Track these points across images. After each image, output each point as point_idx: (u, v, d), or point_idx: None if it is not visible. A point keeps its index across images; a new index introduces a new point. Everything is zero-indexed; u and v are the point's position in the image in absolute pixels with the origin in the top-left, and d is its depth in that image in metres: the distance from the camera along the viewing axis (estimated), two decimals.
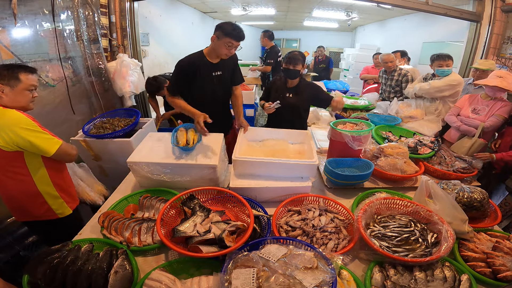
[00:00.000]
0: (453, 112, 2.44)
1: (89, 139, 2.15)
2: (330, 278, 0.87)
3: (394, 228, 1.22)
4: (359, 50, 7.01)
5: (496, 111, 2.15)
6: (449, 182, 1.50)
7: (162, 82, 2.80)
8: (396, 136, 2.28)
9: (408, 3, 3.27)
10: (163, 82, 2.81)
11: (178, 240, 1.11)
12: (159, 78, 2.83)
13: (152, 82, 2.83)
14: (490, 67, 2.49)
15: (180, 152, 1.60)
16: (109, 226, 1.25)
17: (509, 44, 3.09)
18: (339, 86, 4.59)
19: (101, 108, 2.93)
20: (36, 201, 1.42)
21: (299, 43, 11.33)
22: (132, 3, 3.25)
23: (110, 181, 2.31)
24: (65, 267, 1.01)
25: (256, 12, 6.49)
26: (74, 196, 1.63)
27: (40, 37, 2.27)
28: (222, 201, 1.39)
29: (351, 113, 3.23)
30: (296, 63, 2.01)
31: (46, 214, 1.46)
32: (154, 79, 2.83)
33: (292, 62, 2.01)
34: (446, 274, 1.03)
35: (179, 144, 1.59)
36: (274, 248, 0.99)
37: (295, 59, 2.01)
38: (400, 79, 3.11)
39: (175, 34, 5.35)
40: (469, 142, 2.18)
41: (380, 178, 1.76)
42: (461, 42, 3.72)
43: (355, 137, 1.71)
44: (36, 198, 1.41)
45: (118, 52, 3.23)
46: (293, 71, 2.03)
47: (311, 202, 1.45)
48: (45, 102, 2.26)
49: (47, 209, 1.45)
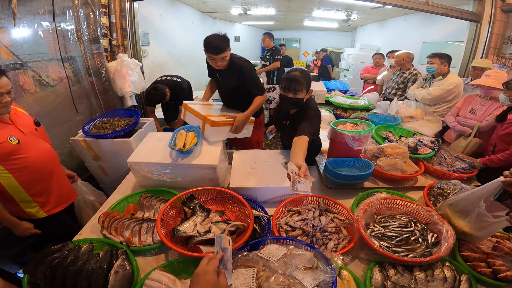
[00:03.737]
0: (452, 112, 2.45)
1: (89, 139, 2.15)
2: (330, 278, 0.87)
3: (394, 228, 1.22)
4: (359, 50, 7.01)
5: (493, 111, 2.16)
6: (449, 182, 1.50)
7: (164, 90, 2.71)
8: (396, 136, 2.28)
9: (408, 3, 3.27)
10: (164, 89, 2.72)
11: (178, 240, 1.11)
12: (160, 87, 2.70)
13: (155, 93, 2.68)
14: (488, 66, 2.51)
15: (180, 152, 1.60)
16: (109, 226, 1.25)
17: (509, 44, 3.09)
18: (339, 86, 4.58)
19: (101, 108, 2.93)
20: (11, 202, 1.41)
21: (299, 43, 11.34)
22: (132, 3, 3.25)
23: (111, 181, 2.32)
24: (65, 267, 1.01)
25: (256, 12, 6.50)
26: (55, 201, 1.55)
27: (40, 37, 2.27)
28: (222, 201, 1.39)
29: (351, 113, 3.23)
30: (297, 89, 1.49)
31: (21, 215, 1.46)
32: (156, 89, 2.69)
33: (291, 89, 1.50)
34: (446, 274, 1.03)
35: (176, 147, 1.57)
36: (274, 248, 0.99)
37: (295, 83, 1.48)
38: (409, 77, 3.12)
39: (175, 34, 5.35)
40: (464, 142, 2.19)
41: (380, 178, 1.76)
42: (461, 42, 3.72)
43: (355, 137, 1.71)
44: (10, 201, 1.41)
45: (118, 52, 3.23)
46: (293, 100, 1.53)
47: (311, 202, 1.45)
48: (45, 103, 2.26)
49: (19, 210, 1.44)
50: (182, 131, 1.74)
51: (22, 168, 1.36)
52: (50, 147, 1.55)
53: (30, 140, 1.41)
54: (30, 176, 1.40)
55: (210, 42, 1.77)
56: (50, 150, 1.54)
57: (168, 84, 2.79)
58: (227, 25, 8.38)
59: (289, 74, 1.53)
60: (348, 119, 1.93)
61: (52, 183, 1.52)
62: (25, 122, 1.44)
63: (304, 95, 1.53)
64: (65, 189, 1.64)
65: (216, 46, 1.76)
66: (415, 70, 3.15)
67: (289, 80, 1.50)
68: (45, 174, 1.48)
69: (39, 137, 1.50)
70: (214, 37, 1.79)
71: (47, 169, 1.49)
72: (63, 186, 1.62)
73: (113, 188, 1.71)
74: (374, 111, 3.03)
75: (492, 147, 2.03)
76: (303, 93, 1.52)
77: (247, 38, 9.70)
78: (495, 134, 2.03)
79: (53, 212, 1.54)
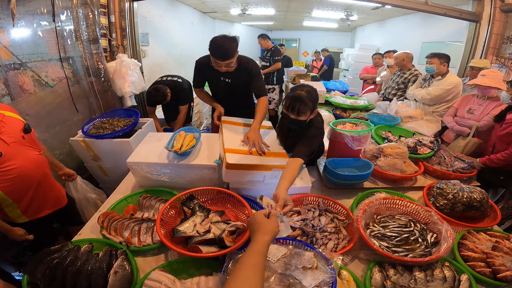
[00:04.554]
0: (450, 112, 2.46)
1: (89, 139, 2.15)
2: (330, 278, 0.87)
3: (394, 228, 1.22)
4: (358, 50, 7.03)
5: (490, 110, 2.16)
6: (448, 182, 1.50)
7: (165, 90, 2.69)
8: (395, 136, 2.28)
9: (407, 3, 3.28)
10: (165, 90, 2.70)
11: (178, 240, 1.11)
12: (161, 88, 2.68)
13: (156, 93, 2.65)
14: (485, 65, 2.51)
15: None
16: (108, 226, 1.25)
17: (508, 44, 3.10)
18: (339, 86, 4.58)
19: (100, 108, 2.93)
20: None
21: (299, 43, 11.35)
22: (131, 3, 3.24)
23: (110, 181, 2.32)
24: (64, 267, 1.01)
25: (255, 12, 6.50)
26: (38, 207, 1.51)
27: (39, 37, 2.26)
28: (222, 201, 1.39)
29: (351, 113, 3.23)
30: (301, 111, 1.37)
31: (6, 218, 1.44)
32: (157, 90, 2.65)
33: (295, 110, 1.37)
34: (446, 274, 1.03)
35: (172, 149, 1.55)
36: (274, 248, 0.99)
37: (300, 104, 1.35)
38: (409, 78, 3.12)
39: (175, 34, 5.35)
40: (463, 142, 2.20)
41: (380, 178, 1.77)
42: (460, 42, 3.73)
43: (354, 137, 1.71)
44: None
45: (117, 52, 3.22)
46: (295, 121, 1.42)
47: (311, 202, 1.45)
48: (44, 103, 2.26)
49: (4, 213, 1.42)
50: (181, 132, 1.73)
51: (5, 179, 1.31)
52: (37, 156, 1.47)
53: (14, 150, 1.34)
54: (13, 186, 1.35)
55: (217, 47, 1.58)
56: (37, 159, 1.46)
57: (169, 85, 2.79)
58: (227, 25, 8.38)
59: (295, 93, 1.38)
60: (348, 119, 1.93)
61: (38, 191, 1.47)
62: (11, 130, 1.35)
63: (307, 117, 1.41)
64: (52, 196, 1.58)
65: (224, 52, 1.58)
66: (415, 70, 3.16)
67: (294, 100, 1.37)
68: (30, 183, 1.42)
69: (26, 146, 1.42)
70: (222, 40, 1.58)
71: (32, 178, 1.43)
72: (49, 193, 1.55)
73: (113, 188, 1.71)
74: (373, 111, 3.03)
75: (491, 147, 2.03)
76: (307, 115, 1.39)
77: (247, 38, 9.71)
78: (494, 135, 2.03)
79: (35, 217, 1.50)
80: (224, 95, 2.03)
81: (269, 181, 1.43)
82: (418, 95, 2.70)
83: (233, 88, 1.94)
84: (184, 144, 1.60)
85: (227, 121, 1.80)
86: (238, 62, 1.80)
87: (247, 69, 1.85)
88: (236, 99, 2.04)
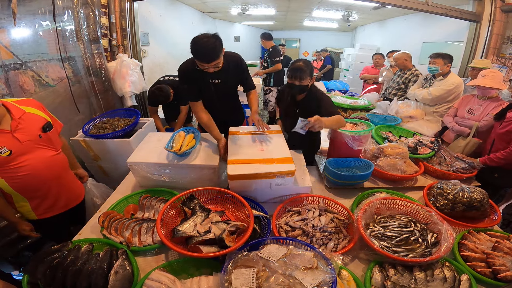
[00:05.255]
0: (450, 113, 2.45)
1: (89, 139, 2.15)
2: (330, 278, 0.87)
3: (394, 228, 1.22)
4: (359, 50, 7.01)
5: (490, 110, 2.16)
6: (449, 182, 1.50)
7: (168, 90, 2.67)
8: (396, 136, 2.28)
9: (408, 3, 3.28)
10: (168, 90, 2.68)
11: (178, 240, 1.11)
12: (164, 88, 2.65)
13: (159, 93, 2.62)
14: (486, 66, 2.51)
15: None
16: (109, 226, 1.25)
17: (508, 44, 3.10)
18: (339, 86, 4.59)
19: (101, 108, 2.93)
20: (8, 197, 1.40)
21: (299, 43, 11.34)
22: (132, 3, 3.25)
23: (110, 181, 2.32)
24: (65, 267, 1.01)
25: (256, 12, 6.50)
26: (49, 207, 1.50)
27: (40, 37, 2.27)
28: (222, 201, 1.39)
29: (351, 113, 3.23)
30: (302, 77, 1.67)
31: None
32: (160, 89, 2.62)
33: (297, 77, 1.68)
34: (446, 274, 1.03)
35: (172, 149, 1.54)
36: (274, 248, 0.99)
37: (300, 72, 1.67)
38: (410, 78, 3.12)
39: (175, 34, 5.35)
40: (463, 142, 2.20)
41: (380, 178, 1.76)
42: (461, 42, 3.73)
43: (355, 137, 1.71)
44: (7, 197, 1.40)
45: (118, 52, 3.23)
46: (299, 88, 1.71)
47: (311, 202, 1.45)
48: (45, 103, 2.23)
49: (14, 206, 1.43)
50: (181, 132, 1.73)
51: (15, 176, 1.31)
52: (51, 156, 1.44)
53: (27, 149, 1.33)
54: (23, 183, 1.35)
55: (199, 50, 1.51)
56: (51, 160, 1.43)
57: (171, 84, 2.78)
58: (227, 25, 8.38)
59: (294, 65, 1.71)
60: (348, 119, 1.93)
61: (50, 190, 1.46)
62: (28, 128, 1.34)
63: (308, 82, 1.71)
64: (66, 195, 1.56)
65: (209, 52, 1.51)
66: (416, 70, 3.15)
67: (294, 70, 1.69)
68: (41, 183, 1.41)
69: (41, 145, 1.40)
70: (204, 41, 1.50)
71: (43, 178, 1.41)
72: (63, 193, 1.54)
73: (113, 188, 1.71)
74: (374, 111, 3.03)
75: (489, 145, 2.03)
76: (308, 80, 1.70)
77: (247, 38, 9.71)
78: (493, 133, 2.03)
79: (44, 217, 1.49)
80: (215, 98, 1.87)
81: (276, 188, 1.43)
82: (419, 95, 2.70)
83: (224, 89, 1.85)
84: (184, 144, 1.60)
85: (233, 131, 1.75)
86: (224, 59, 1.66)
87: (236, 65, 1.79)
88: (229, 100, 1.97)
